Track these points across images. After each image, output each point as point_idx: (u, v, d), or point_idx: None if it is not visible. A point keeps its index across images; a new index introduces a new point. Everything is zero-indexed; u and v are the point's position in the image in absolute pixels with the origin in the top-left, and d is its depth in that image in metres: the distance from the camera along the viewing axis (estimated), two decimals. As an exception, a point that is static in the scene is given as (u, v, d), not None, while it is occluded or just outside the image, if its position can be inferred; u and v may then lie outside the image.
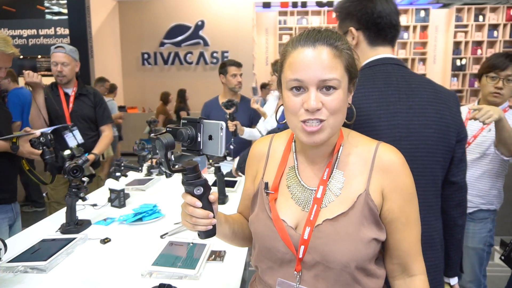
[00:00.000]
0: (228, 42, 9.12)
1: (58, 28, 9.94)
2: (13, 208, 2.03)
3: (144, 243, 1.56)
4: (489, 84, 1.88)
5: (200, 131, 0.82)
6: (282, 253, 0.85)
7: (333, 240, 0.80)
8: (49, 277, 1.28)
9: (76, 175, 1.70)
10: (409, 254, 0.85)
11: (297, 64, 0.78)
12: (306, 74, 0.77)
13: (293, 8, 10.31)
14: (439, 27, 10.37)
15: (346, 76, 0.81)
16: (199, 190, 0.81)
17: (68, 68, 2.51)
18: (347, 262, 0.79)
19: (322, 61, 0.77)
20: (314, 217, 0.83)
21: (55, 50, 2.47)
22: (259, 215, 0.90)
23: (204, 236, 0.86)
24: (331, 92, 0.78)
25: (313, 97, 0.77)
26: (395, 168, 0.84)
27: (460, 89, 10.48)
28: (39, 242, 1.51)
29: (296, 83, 0.78)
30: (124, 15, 9.31)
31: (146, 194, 2.27)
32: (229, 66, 3.00)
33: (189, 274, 1.26)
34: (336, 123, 0.80)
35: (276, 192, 0.90)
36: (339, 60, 0.79)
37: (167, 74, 9.40)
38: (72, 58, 2.53)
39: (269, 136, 1.02)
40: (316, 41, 0.78)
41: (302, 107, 0.78)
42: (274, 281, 0.87)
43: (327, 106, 0.78)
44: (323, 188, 0.84)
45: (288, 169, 0.92)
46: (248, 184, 1.03)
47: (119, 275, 1.30)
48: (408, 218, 0.84)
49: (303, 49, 0.79)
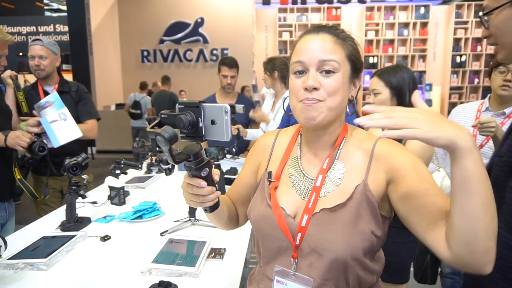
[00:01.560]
0: (228, 39, 9.11)
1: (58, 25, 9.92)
2: (6, 207, 2.00)
3: (144, 241, 1.56)
4: (498, 77, 1.89)
5: (201, 116, 0.78)
6: (280, 240, 0.87)
7: (329, 229, 0.82)
8: (49, 274, 1.28)
9: (76, 172, 1.71)
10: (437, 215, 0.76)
11: (300, 49, 0.85)
12: (307, 55, 0.83)
13: (292, 5, 10.28)
14: (439, 23, 10.35)
15: (347, 63, 0.85)
16: (205, 172, 0.82)
17: (46, 61, 2.33)
18: (341, 252, 0.80)
19: (323, 44, 0.83)
20: (313, 205, 0.85)
21: (32, 43, 2.31)
22: (258, 202, 0.93)
23: (210, 210, 0.90)
24: (330, 75, 0.82)
25: (311, 76, 0.82)
26: (390, 152, 0.84)
27: (460, 86, 10.46)
28: (39, 239, 1.51)
29: (298, 64, 0.84)
30: (124, 12, 9.29)
31: (146, 192, 2.27)
32: (222, 65, 2.97)
33: (189, 271, 1.26)
34: (333, 104, 0.83)
35: (278, 181, 0.93)
36: (341, 47, 0.84)
37: (166, 71, 9.35)
38: (51, 51, 2.35)
39: (276, 130, 1.06)
40: (320, 30, 0.86)
41: (301, 88, 0.83)
42: (272, 268, 0.89)
43: (325, 87, 0.82)
44: (322, 177, 0.87)
45: (291, 159, 0.95)
46: (246, 171, 1.06)
47: (119, 272, 1.31)
48: (425, 186, 0.78)
49: (307, 36, 0.86)
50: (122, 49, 9.42)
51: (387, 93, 1.68)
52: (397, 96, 1.67)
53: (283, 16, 10.39)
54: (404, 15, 10.28)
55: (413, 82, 1.68)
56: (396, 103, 1.68)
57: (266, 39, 10.68)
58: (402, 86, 1.66)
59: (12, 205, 2.07)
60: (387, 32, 10.38)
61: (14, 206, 2.10)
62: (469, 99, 10.45)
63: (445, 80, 10.50)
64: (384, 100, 1.69)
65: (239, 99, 3.13)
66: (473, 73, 10.39)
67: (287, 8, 10.33)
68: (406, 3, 10.30)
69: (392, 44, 10.42)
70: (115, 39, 9.31)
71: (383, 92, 1.69)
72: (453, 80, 10.42)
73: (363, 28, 10.31)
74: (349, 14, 10.39)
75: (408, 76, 1.67)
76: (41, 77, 2.36)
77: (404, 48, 10.40)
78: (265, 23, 10.63)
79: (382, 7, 10.23)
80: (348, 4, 10.27)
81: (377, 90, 1.70)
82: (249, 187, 1.03)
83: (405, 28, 10.30)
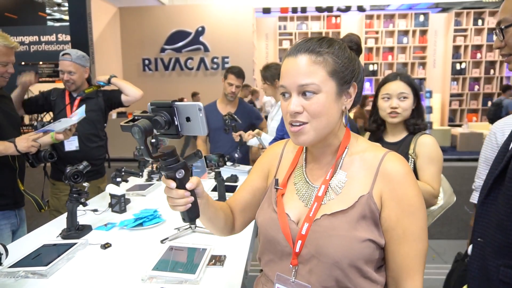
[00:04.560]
0: (229, 48, 9.18)
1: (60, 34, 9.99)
2: (16, 214, 2.02)
3: (145, 248, 1.56)
4: None
5: (175, 115, 0.81)
6: (282, 246, 0.89)
7: (329, 234, 0.82)
8: (50, 282, 1.28)
9: (77, 180, 1.71)
10: (402, 269, 0.84)
11: (283, 72, 0.87)
12: (288, 80, 0.85)
13: (292, 14, 10.38)
14: (438, 31, 10.42)
15: (331, 80, 0.84)
16: (181, 174, 0.82)
17: (75, 76, 2.43)
18: (339, 258, 0.80)
19: (300, 68, 0.83)
20: (314, 214, 0.86)
21: (62, 57, 2.41)
22: (266, 208, 0.96)
23: (188, 219, 0.87)
24: (310, 96, 0.83)
25: (293, 102, 0.83)
26: (396, 177, 0.84)
27: (460, 92, 10.49)
28: (40, 247, 1.51)
29: (283, 89, 0.87)
30: (125, 21, 9.38)
31: (147, 199, 2.27)
32: (229, 73, 2.97)
33: (189, 278, 1.26)
34: (320, 126, 0.84)
35: (285, 188, 0.96)
36: (321, 66, 0.83)
37: (168, 80, 9.45)
38: (79, 65, 2.44)
39: (285, 140, 1.09)
40: (298, 51, 0.84)
41: (287, 112, 0.85)
42: (274, 273, 0.91)
43: (307, 109, 0.83)
44: (325, 187, 0.88)
45: (297, 168, 0.98)
46: (253, 176, 1.07)
47: (120, 280, 1.30)
48: (406, 231, 0.82)
49: (288, 59, 0.86)
50: (123, 58, 9.49)
51: (412, 97, 1.70)
52: (418, 99, 1.70)
53: (283, 24, 10.48)
54: (403, 23, 10.36)
55: None
56: (415, 105, 1.71)
57: (267, 47, 10.76)
58: (419, 89, 1.72)
59: (22, 211, 2.09)
60: (386, 39, 10.45)
61: (24, 213, 2.12)
62: (469, 105, 10.47)
63: (445, 87, 10.53)
64: (410, 105, 1.70)
65: (240, 107, 3.14)
66: (473, 80, 10.43)
67: (287, 16, 10.42)
68: (406, 11, 10.39)
69: (392, 52, 10.49)
70: (117, 48, 9.38)
71: (410, 97, 1.69)
72: (453, 87, 10.45)
73: (362, 36, 10.38)
74: (349, 22, 10.48)
75: None
76: (72, 90, 2.49)
77: (404, 55, 10.46)
78: (266, 32, 10.72)
79: (381, 15, 10.32)
80: (348, 12, 10.36)
81: (405, 93, 1.69)
82: (255, 191, 1.05)
83: (404, 36, 10.37)
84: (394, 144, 1.73)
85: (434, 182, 1.62)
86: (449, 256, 3.39)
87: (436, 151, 1.65)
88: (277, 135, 2.50)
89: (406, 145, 1.69)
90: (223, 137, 2.95)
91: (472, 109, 10.55)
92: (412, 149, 1.66)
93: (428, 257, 3.33)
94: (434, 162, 1.63)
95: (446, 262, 3.27)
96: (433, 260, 3.32)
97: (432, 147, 1.65)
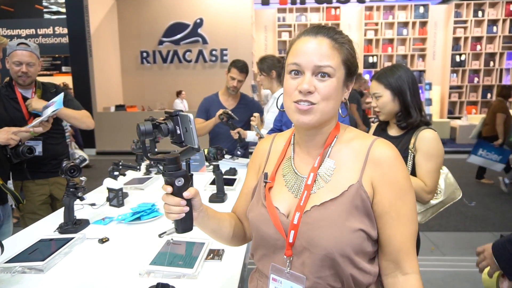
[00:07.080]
0: (227, 40, 9.12)
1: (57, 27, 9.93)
2: (0, 210, 1.97)
3: (142, 242, 1.56)
4: None
5: (178, 124, 0.83)
6: (274, 239, 0.88)
7: (319, 226, 0.82)
8: (47, 277, 1.28)
9: (74, 174, 1.70)
10: (400, 251, 0.85)
11: (298, 50, 0.85)
12: (304, 59, 0.84)
13: (291, 5, 10.29)
14: (438, 23, 10.35)
15: (342, 68, 0.86)
16: (180, 182, 0.82)
17: (34, 68, 2.20)
18: (330, 248, 0.80)
19: (320, 49, 0.83)
20: (304, 202, 0.86)
21: (19, 47, 2.13)
22: (255, 203, 0.96)
23: (180, 229, 0.87)
24: (325, 79, 0.83)
25: (307, 80, 0.83)
26: (386, 161, 0.85)
27: (460, 85, 10.46)
28: (36, 242, 1.50)
29: (295, 66, 0.85)
30: (123, 13, 9.30)
31: (145, 193, 2.26)
32: (233, 67, 2.93)
33: (187, 273, 1.26)
34: (326, 109, 0.85)
35: (273, 181, 0.95)
36: (337, 52, 0.84)
37: (166, 73, 9.40)
38: (37, 56, 2.22)
39: (273, 134, 1.08)
40: (318, 33, 0.85)
41: (296, 89, 0.84)
42: (268, 268, 0.91)
43: (319, 91, 0.83)
44: (314, 175, 0.88)
45: (285, 160, 0.97)
46: (249, 178, 1.07)
47: (117, 274, 1.30)
48: (399, 213, 0.84)
49: (305, 38, 0.86)
50: (121, 50, 9.42)
51: (388, 95, 1.68)
52: (398, 97, 1.67)
53: (282, 16, 10.40)
54: (403, 15, 10.29)
55: (412, 81, 1.67)
56: (399, 103, 1.67)
57: (266, 39, 10.69)
58: (401, 86, 1.66)
59: (6, 207, 2.03)
60: (386, 31, 10.39)
61: (10, 209, 2.07)
62: (469, 98, 10.45)
63: (445, 79, 10.50)
64: (386, 103, 1.69)
65: (242, 100, 3.12)
66: (472, 72, 10.39)
67: (286, 8, 10.34)
68: (405, 3, 10.31)
69: (392, 44, 10.43)
70: (115, 40, 9.32)
71: (384, 95, 1.68)
72: (452, 79, 10.41)
73: (362, 27, 10.31)
74: (348, 14, 10.41)
75: (407, 75, 1.66)
76: (26, 84, 2.24)
77: (403, 47, 10.41)
78: (264, 23, 10.64)
79: (381, 6, 10.24)
80: (347, 4, 10.27)
81: (378, 93, 1.70)
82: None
83: (404, 28, 10.31)
84: (396, 138, 1.72)
85: (428, 179, 1.60)
86: (447, 248, 3.40)
87: (435, 147, 1.61)
88: (275, 126, 2.49)
89: (407, 139, 1.68)
90: (223, 130, 2.94)
91: (472, 101, 10.52)
92: (412, 144, 1.64)
93: (427, 249, 3.35)
94: (432, 158, 1.61)
95: (445, 254, 3.28)
96: (431, 253, 3.32)
97: (432, 142, 1.62)
